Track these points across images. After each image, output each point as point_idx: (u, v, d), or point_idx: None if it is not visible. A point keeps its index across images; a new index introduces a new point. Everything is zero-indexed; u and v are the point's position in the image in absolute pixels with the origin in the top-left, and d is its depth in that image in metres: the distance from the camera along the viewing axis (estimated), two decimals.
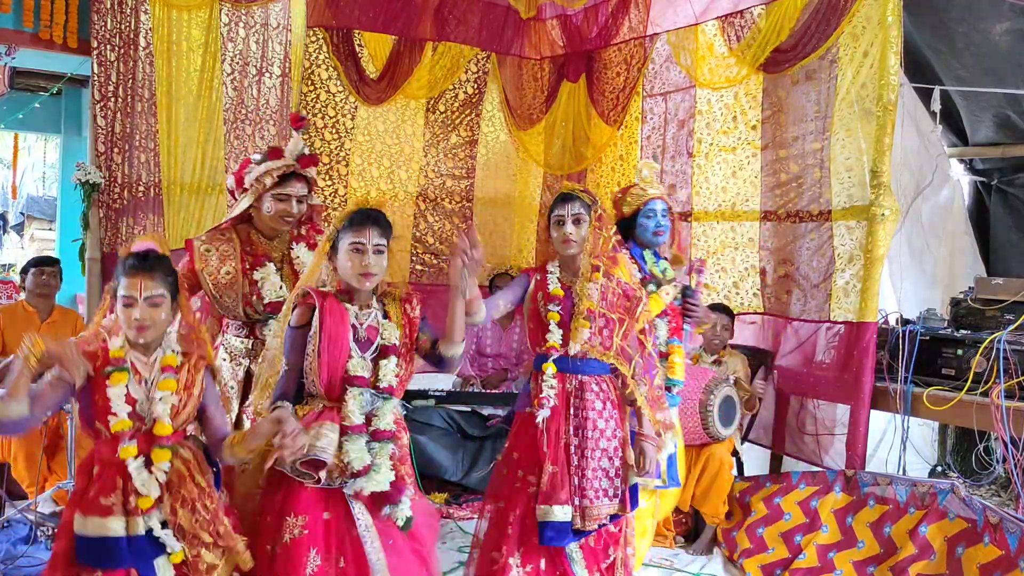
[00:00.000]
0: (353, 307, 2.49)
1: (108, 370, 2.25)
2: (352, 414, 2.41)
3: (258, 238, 3.05)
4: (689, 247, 5.13)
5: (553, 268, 3.03)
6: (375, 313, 2.53)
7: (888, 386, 4.03)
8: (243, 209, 3.01)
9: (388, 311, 2.55)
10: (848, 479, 3.89)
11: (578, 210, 2.95)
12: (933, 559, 3.43)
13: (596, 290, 2.92)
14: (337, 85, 5.51)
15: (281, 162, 2.99)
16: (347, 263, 2.45)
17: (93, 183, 4.75)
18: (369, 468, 2.40)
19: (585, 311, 2.89)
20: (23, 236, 11.67)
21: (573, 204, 2.95)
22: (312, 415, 2.43)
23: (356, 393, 2.43)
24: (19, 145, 9.35)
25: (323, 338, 2.42)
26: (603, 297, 2.92)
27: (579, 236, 2.94)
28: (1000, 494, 4.84)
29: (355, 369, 2.44)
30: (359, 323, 2.49)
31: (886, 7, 3.97)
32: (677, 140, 5.32)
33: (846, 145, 4.23)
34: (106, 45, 4.81)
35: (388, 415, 2.48)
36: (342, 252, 2.46)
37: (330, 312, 2.44)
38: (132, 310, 2.24)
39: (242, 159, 5.22)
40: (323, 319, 2.43)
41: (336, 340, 2.43)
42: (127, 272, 2.27)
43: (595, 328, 2.90)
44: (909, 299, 5.05)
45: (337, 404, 2.44)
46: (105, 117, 4.84)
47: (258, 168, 2.99)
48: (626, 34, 5.54)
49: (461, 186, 6.17)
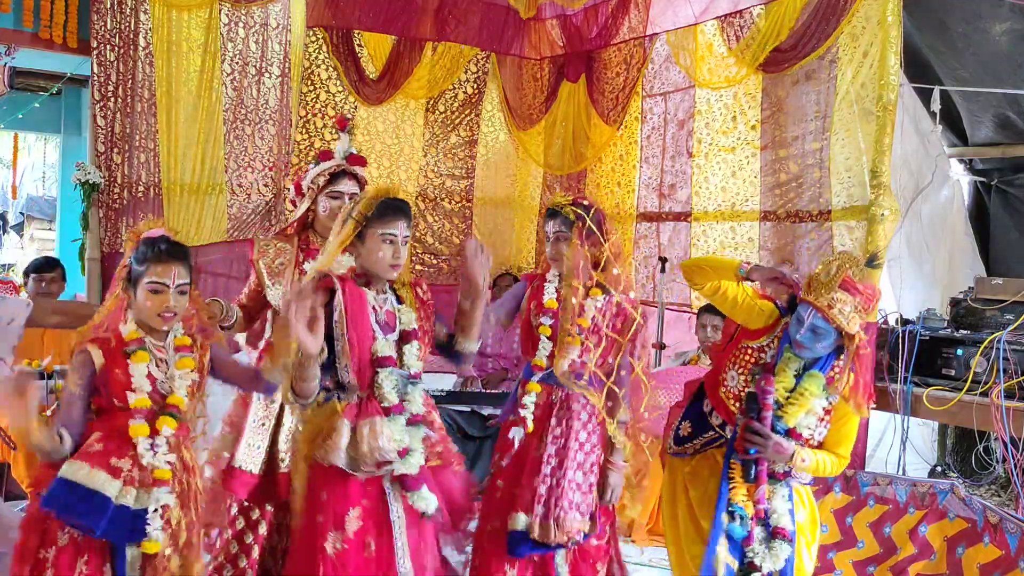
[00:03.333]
0: (371, 292, 2.48)
1: (131, 348, 2.26)
2: (388, 395, 2.41)
3: (315, 238, 3.15)
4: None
5: (552, 278, 3.01)
6: (390, 298, 2.53)
7: (888, 386, 4.02)
8: (303, 212, 3.12)
9: (401, 296, 2.55)
10: (848, 479, 3.89)
11: (559, 227, 2.93)
12: (933, 559, 3.43)
13: (592, 307, 2.90)
14: (337, 85, 5.50)
15: (332, 162, 3.12)
16: (378, 253, 2.43)
17: (93, 183, 4.76)
18: (407, 451, 2.40)
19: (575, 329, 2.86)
20: (23, 236, 11.66)
21: (555, 221, 2.94)
22: (352, 409, 2.40)
23: (387, 374, 2.42)
24: (19, 145, 9.34)
25: (348, 321, 2.40)
26: (602, 315, 2.90)
27: (561, 254, 2.92)
28: (1000, 494, 4.84)
29: (382, 350, 2.43)
30: (378, 307, 2.48)
31: (886, 7, 3.97)
32: (677, 140, 5.32)
33: (846, 145, 4.23)
34: (106, 45, 4.81)
35: (418, 399, 2.48)
36: (371, 241, 2.44)
37: (351, 296, 2.43)
38: (162, 296, 2.25)
39: (243, 159, 5.28)
40: (346, 303, 2.41)
41: (360, 323, 2.42)
42: (158, 259, 2.26)
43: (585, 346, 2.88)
44: (909, 299, 5.04)
45: (371, 391, 2.43)
46: (105, 117, 4.84)
47: (312, 171, 3.12)
48: (626, 34, 5.54)
49: (461, 186, 6.17)
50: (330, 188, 3.07)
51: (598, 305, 2.91)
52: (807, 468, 2.67)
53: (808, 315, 2.56)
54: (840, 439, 2.72)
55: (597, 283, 2.93)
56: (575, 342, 2.87)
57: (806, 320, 2.57)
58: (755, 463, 2.64)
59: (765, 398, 2.63)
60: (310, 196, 3.10)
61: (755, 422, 2.61)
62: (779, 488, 2.69)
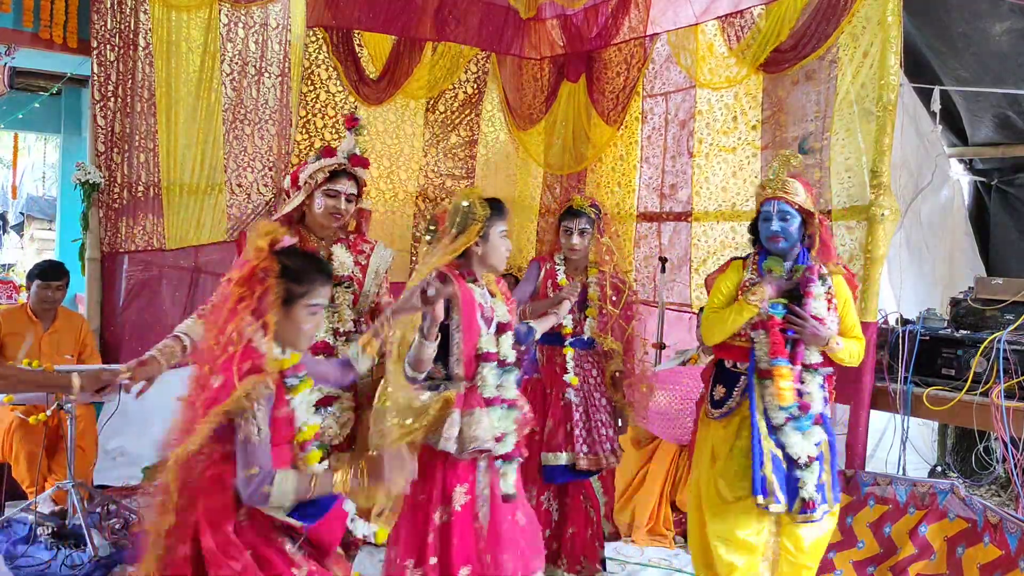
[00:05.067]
0: (478, 288, 2.78)
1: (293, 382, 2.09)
2: (490, 388, 2.71)
3: (307, 234, 3.12)
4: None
5: (559, 261, 3.71)
6: (485, 293, 2.81)
7: (888, 386, 4.02)
8: (295, 205, 3.09)
9: (491, 290, 2.85)
10: (848, 479, 3.89)
11: (584, 225, 3.64)
12: (933, 559, 3.43)
13: (595, 284, 3.66)
14: (337, 85, 5.50)
15: (333, 160, 3.09)
16: (500, 248, 2.77)
17: (93, 183, 4.76)
18: (504, 436, 2.70)
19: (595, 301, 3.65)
20: (23, 236, 11.66)
21: (580, 220, 3.63)
22: (460, 399, 2.66)
23: (490, 367, 2.71)
24: (19, 145, 9.34)
25: (463, 319, 2.67)
26: (601, 289, 3.66)
27: (582, 245, 3.65)
28: (1000, 494, 4.84)
29: (486, 345, 2.72)
30: (483, 303, 2.77)
31: (886, 7, 3.97)
32: (677, 140, 5.32)
33: (846, 145, 4.23)
34: (106, 45, 4.81)
35: (513, 385, 2.79)
36: (495, 238, 2.75)
37: (464, 295, 2.69)
38: (317, 319, 2.12)
39: (242, 159, 5.28)
40: (462, 300, 2.68)
41: (472, 321, 2.70)
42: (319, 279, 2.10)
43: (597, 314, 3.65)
44: (909, 299, 5.05)
45: (472, 383, 2.70)
46: (105, 117, 4.84)
47: (311, 166, 3.09)
48: (626, 34, 5.54)
49: (461, 186, 6.16)
50: (328, 186, 3.05)
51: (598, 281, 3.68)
52: (841, 352, 3.00)
53: (774, 208, 2.99)
54: (852, 323, 3.08)
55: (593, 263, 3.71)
56: (593, 311, 3.65)
57: (773, 212, 2.99)
58: (792, 344, 2.99)
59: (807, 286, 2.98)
60: (306, 191, 3.07)
61: (795, 307, 2.97)
62: (813, 377, 3.02)
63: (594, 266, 3.70)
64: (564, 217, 3.66)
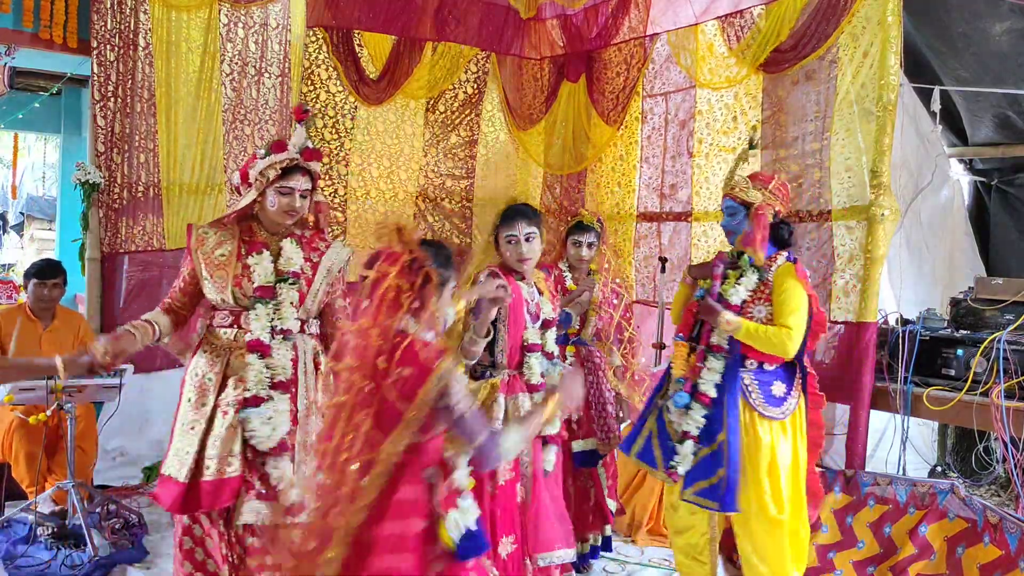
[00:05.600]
0: (525, 286, 3.09)
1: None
2: (535, 375, 3.07)
3: (259, 229, 3.01)
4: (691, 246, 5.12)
5: (565, 268, 4.00)
6: (533, 290, 3.14)
7: (888, 386, 4.03)
8: (247, 204, 2.97)
9: (540, 288, 3.17)
10: (848, 479, 3.89)
11: (592, 239, 3.96)
12: (933, 559, 3.43)
13: (598, 289, 3.97)
14: (337, 85, 5.50)
15: (284, 155, 2.94)
16: (506, 253, 3.07)
17: (93, 183, 4.75)
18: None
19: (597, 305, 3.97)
20: (23, 236, 11.66)
21: (588, 234, 3.95)
22: (504, 385, 3.02)
23: (536, 357, 3.08)
24: (19, 145, 9.34)
25: (510, 314, 2.99)
26: (602, 294, 3.98)
27: (590, 256, 3.98)
28: (1000, 494, 4.84)
29: (532, 338, 3.09)
30: (529, 299, 3.10)
31: (886, 7, 3.97)
32: (677, 140, 5.32)
33: (846, 145, 4.23)
34: (106, 45, 4.81)
35: (556, 375, 3.14)
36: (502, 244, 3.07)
37: (513, 291, 2.97)
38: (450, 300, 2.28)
39: (242, 159, 5.27)
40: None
41: (518, 315, 3.02)
42: (452, 263, 2.23)
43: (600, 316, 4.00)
44: (909, 299, 5.05)
45: (518, 371, 3.07)
46: (105, 117, 4.84)
47: (262, 162, 2.94)
48: (626, 34, 5.54)
49: (461, 186, 6.17)
50: (281, 183, 2.91)
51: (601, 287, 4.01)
52: (733, 330, 3.12)
53: (724, 202, 3.25)
54: (783, 311, 3.13)
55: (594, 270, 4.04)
56: (594, 314, 3.99)
57: (724, 209, 3.25)
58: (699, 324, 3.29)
59: (714, 269, 3.27)
60: (257, 188, 2.93)
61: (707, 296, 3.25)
62: (714, 359, 3.20)
63: (595, 272, 4.05)
64: (574, 231, 3.97)
